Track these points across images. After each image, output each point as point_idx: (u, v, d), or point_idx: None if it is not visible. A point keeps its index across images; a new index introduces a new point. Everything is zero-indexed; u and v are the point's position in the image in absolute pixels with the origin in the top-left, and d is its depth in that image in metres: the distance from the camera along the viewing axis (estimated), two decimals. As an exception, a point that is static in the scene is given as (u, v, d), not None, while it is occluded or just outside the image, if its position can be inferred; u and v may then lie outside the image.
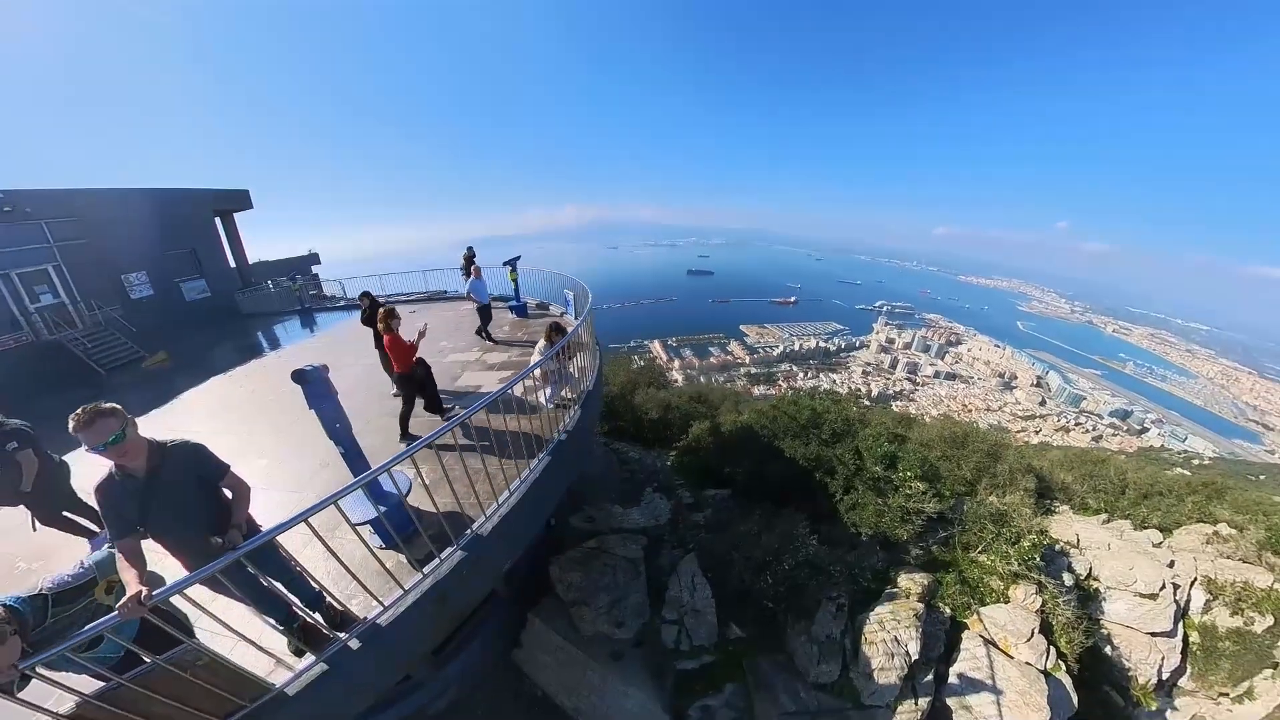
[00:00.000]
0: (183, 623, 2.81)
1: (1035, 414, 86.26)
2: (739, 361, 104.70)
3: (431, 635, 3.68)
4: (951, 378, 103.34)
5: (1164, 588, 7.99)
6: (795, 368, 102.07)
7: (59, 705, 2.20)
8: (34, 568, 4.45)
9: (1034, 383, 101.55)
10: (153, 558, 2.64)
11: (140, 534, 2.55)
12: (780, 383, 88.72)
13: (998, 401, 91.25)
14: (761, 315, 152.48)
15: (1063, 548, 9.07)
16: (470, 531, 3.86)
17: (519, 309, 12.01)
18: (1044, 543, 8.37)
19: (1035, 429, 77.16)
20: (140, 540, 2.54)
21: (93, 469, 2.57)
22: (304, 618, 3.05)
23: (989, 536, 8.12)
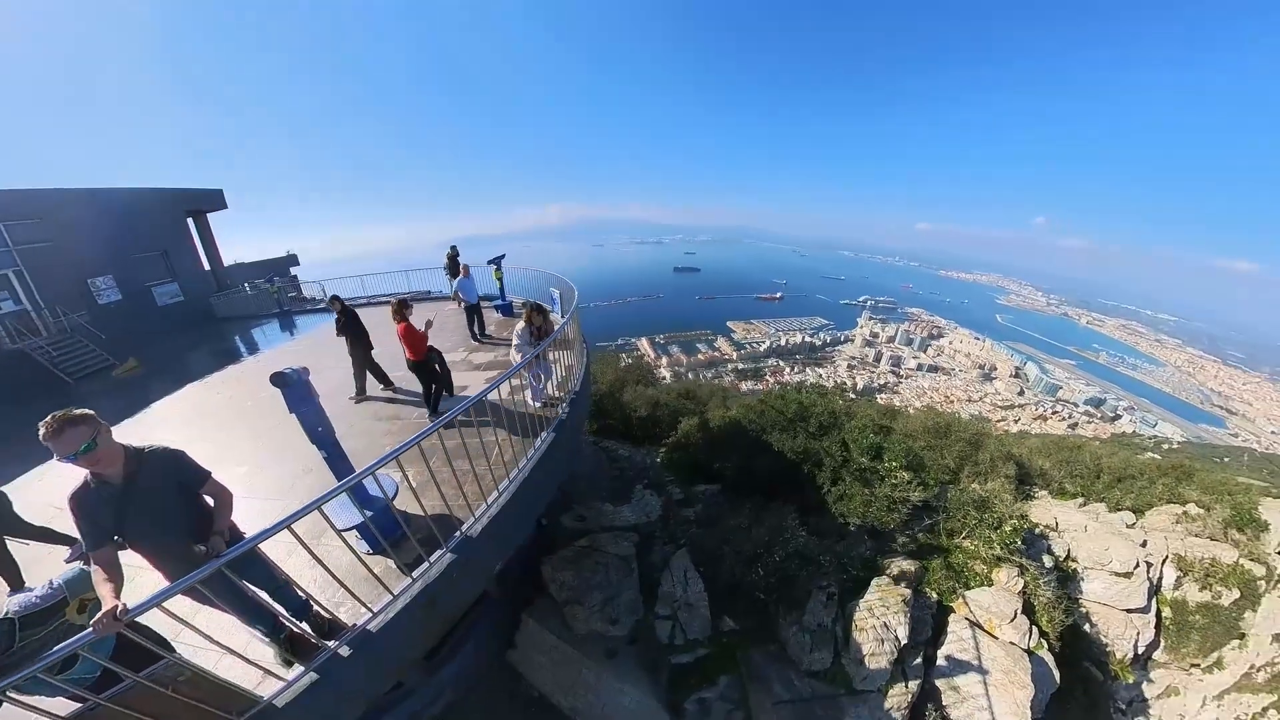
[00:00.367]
0: (160, 638, 2.72)
1: (1014, 404, 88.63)
2: (726, 358, 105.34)
3: (423, 640, 3.63)
4: (934, 370, 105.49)
5: (1137, 566, 8.31)
6: (782, 363, 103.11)
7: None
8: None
9: (1012, 373, 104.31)
10: (130, 574, 2.54)
11: (117, 544, 2.46)
12: (767, 378, 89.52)
13: (978, 392, 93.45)
14: (748, 311, 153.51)
15: (1042, 531, 9.35)
16: (459, 533, 3.81)
17: (504, 308, 11.91)
18: (1024, 527, 8.63)
19: (1014, 418, 79.28)
20: (117, 550, 2.46)
21: (68, 480, 2.46)
22: (291, 627, 2.99)
23: (972, 522, 8.32)
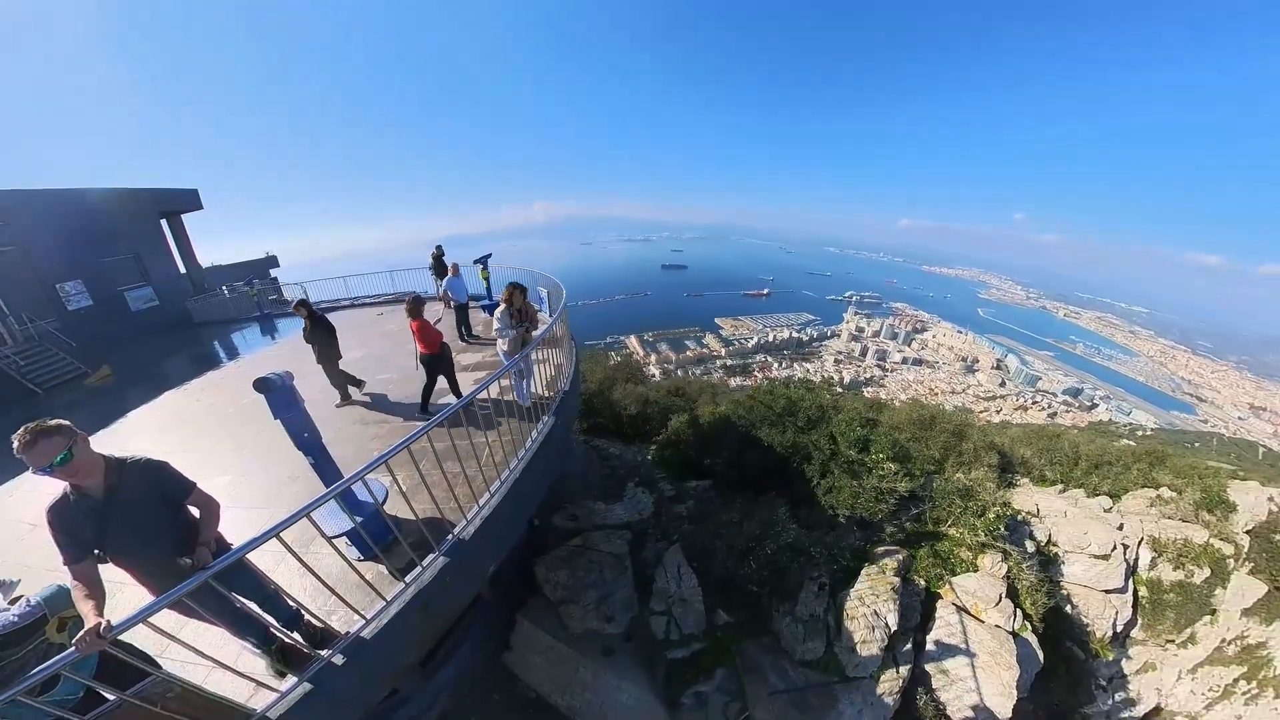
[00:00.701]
0: (146, 654, 2.64)
1: (996, 395, 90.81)
2: (715, 354, 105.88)
3: (417, 645, 3.60)
4: (918, 363, 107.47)
5: (1115, 549, 8.60)
6: (770, 358, 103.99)
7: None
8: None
9: (994, 365, 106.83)
10: (111, 589, 2.47)
11: (98, 558, 2.38)
12: (756, 373, 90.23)
13: (961, 384, 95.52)
14: (736, 308, 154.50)
15: (1024, 517, 9.61)
16: (452, 536, 3.78)
17: (491, 308, 11.81)
18: (1007, 514, 8.85)
19: (996, 409, 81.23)
20: (98, 565, 2.38)
21: (44, 495, 2.38)
22: (282, 638, 2.93)
23: (957, 511, 8.52)
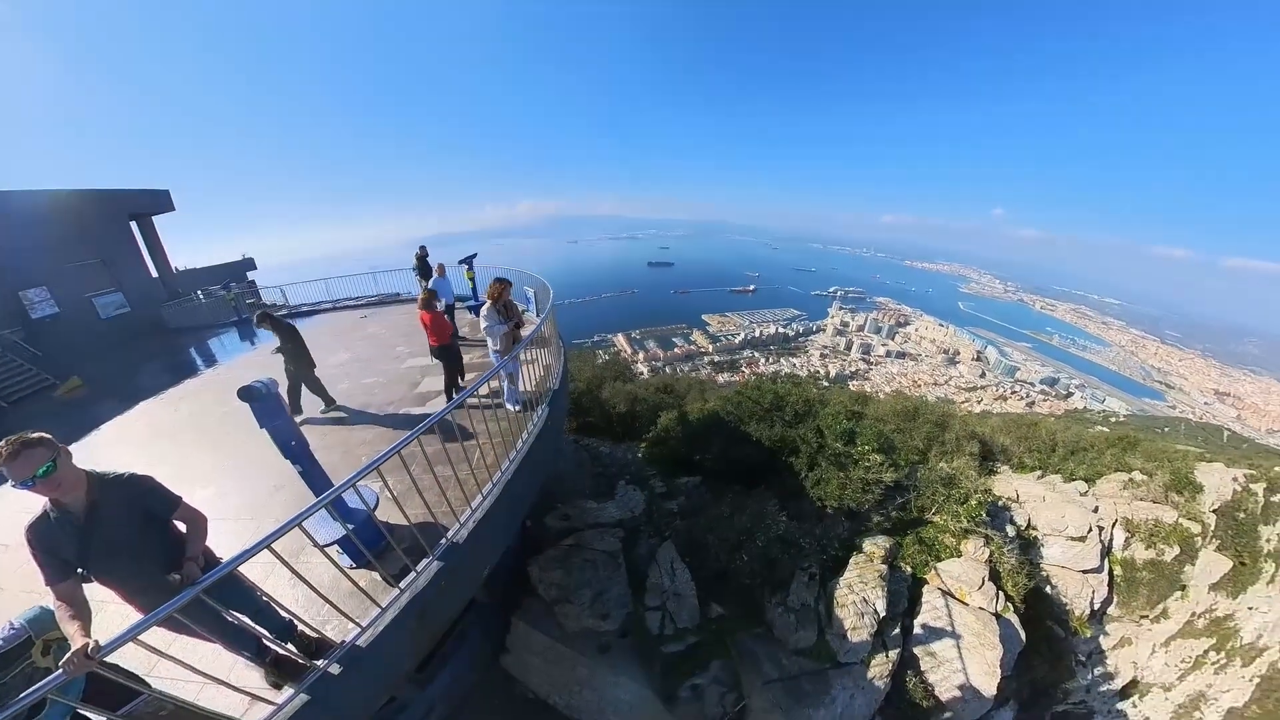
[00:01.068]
0: (135, 674, 2.58)
1: (976, 385, 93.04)
2: (702, 350, 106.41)
3: (414, 651, 3.58)
4: (901, 356, 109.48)
5: (1091, 531, 8.92)
6: (757, 354, 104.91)
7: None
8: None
9: (974, 357, 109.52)
10: (95, 606, 2.39)
11: (82, 577, 2.31)
12: (743, 369, 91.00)
13: (943, 376, 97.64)
14: (722, 304, 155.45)
15: (1005, 503, 9.90)
16: (445, 540, 3.75)
17: (477, 309, 11.71)
18: (988, 501, 9.13)
19: (977, 399, 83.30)
20: (82, 584, 2.30)
21: (18, 514, 2.31)
22: (276, 650, 2.89)
23: (941, 499, 8.75)
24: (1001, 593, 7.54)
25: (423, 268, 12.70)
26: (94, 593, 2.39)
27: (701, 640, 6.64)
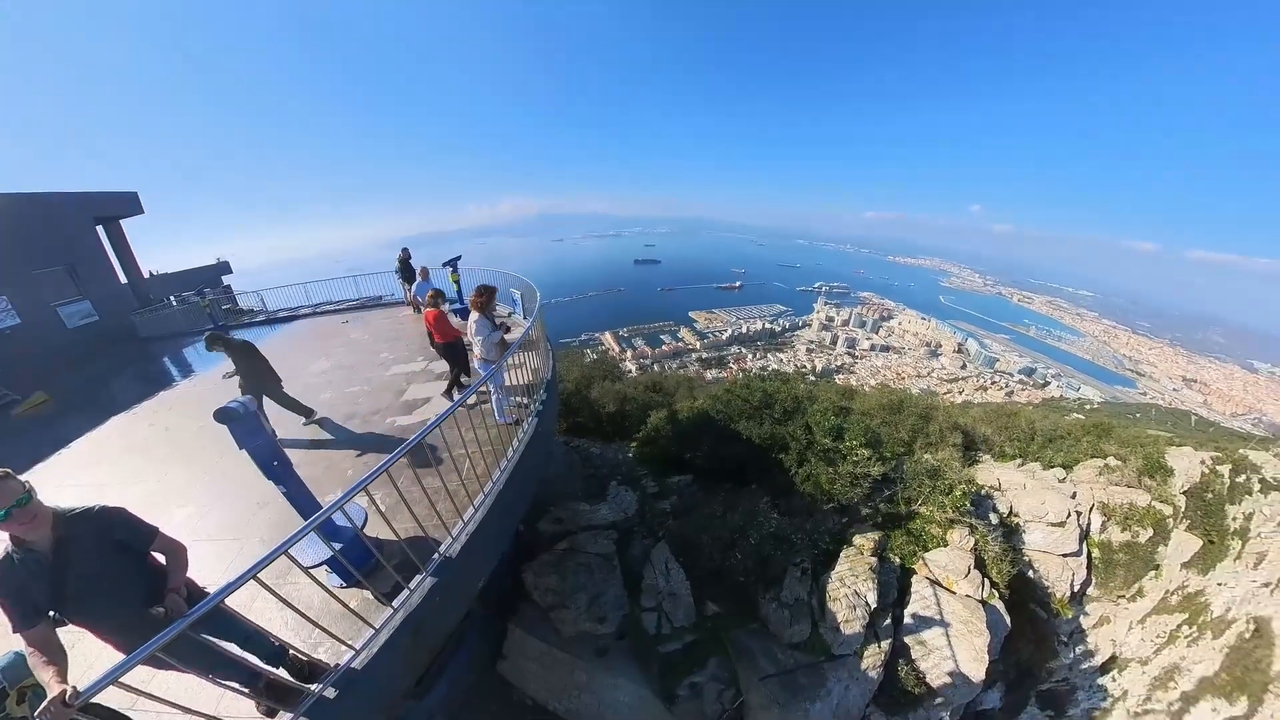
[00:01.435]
0: (116, 714, 2.42)
1: (958, 377, 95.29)
2: (690, 347, 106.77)
3: (411, 669, 3.50)
4: (886, 350, 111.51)
5: (1070, 516, 9.22)
6: (744, 350, 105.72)
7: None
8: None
9: (955, 349, 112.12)
10: (69, 639, 2.28)
11: (55, 620, 2.18)
12: (731, 365, 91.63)
13: (926, 368, 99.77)
14: (709, 301, 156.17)
15: (987, 492, 10.17)
16: (438, 555, 3.67)
17: (462, 312, 11.55)
18: (972, 491, 9.35)
19: (959, 390, 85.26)
20: (55, 628, 2.17)
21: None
22: (269, 675, 2.79)
23: (926, 490, 8.94)
24: (987, 580, 7.75)
25: (405, 270, 12.49)
26: (67, 631, 2.26)
27: (698, 639, 6.68)
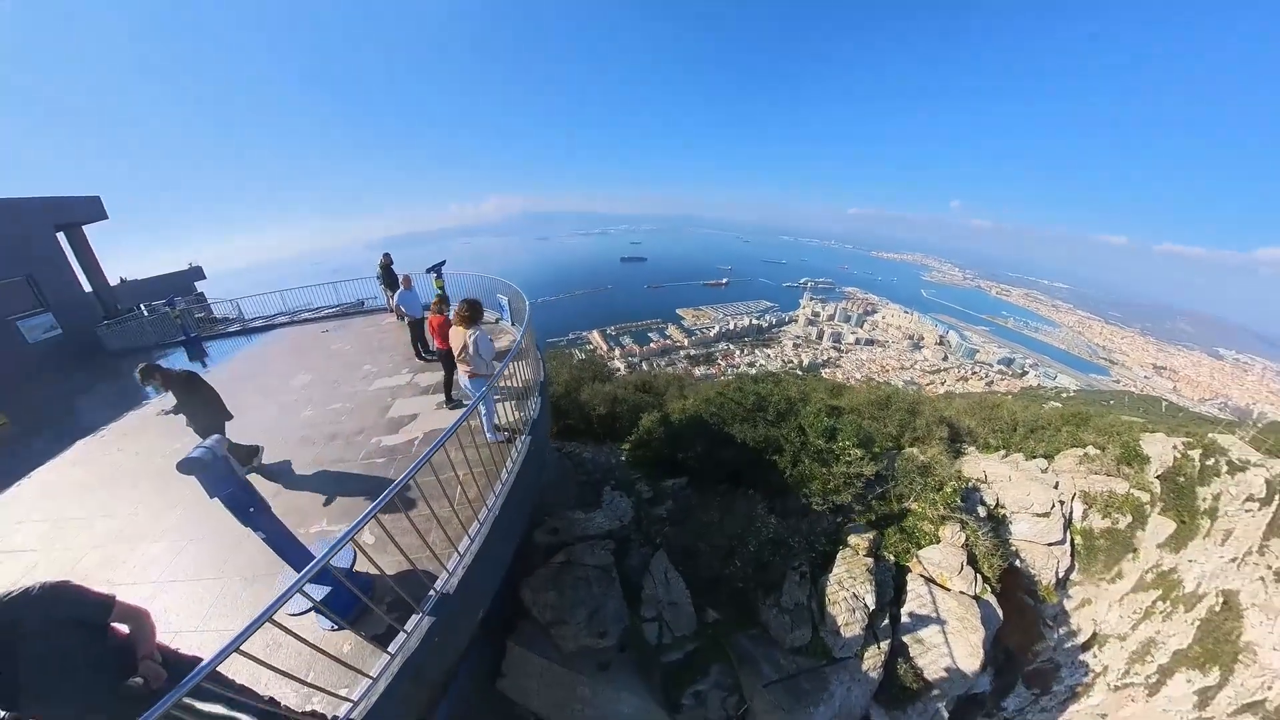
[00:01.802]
0: None
1: (940, 368, 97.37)
2: (678, 345, 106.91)
3: (413, 713, 3.32)
4: (870, 343, 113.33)
5: (1054, 506, 9.47)
6: (732, 346, 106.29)
7: None
8: None
9: (937, 341, 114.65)
10: None
11: (14, 717, 1.96)
12: (719, 362, 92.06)
13: (909, 361, 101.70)
14: (696, 298, 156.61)
15: (975, 484, 10.38)
16: (434, 592, 3.46)
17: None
18: (961, 486, 9.52)
19: (941, 381, 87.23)
20: None
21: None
22: None
23: (918, 487, 9.08)
24: (979, 575, 7.91)
25: (388, 277, 12.13)
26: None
27: (700, 646, 6.67)
